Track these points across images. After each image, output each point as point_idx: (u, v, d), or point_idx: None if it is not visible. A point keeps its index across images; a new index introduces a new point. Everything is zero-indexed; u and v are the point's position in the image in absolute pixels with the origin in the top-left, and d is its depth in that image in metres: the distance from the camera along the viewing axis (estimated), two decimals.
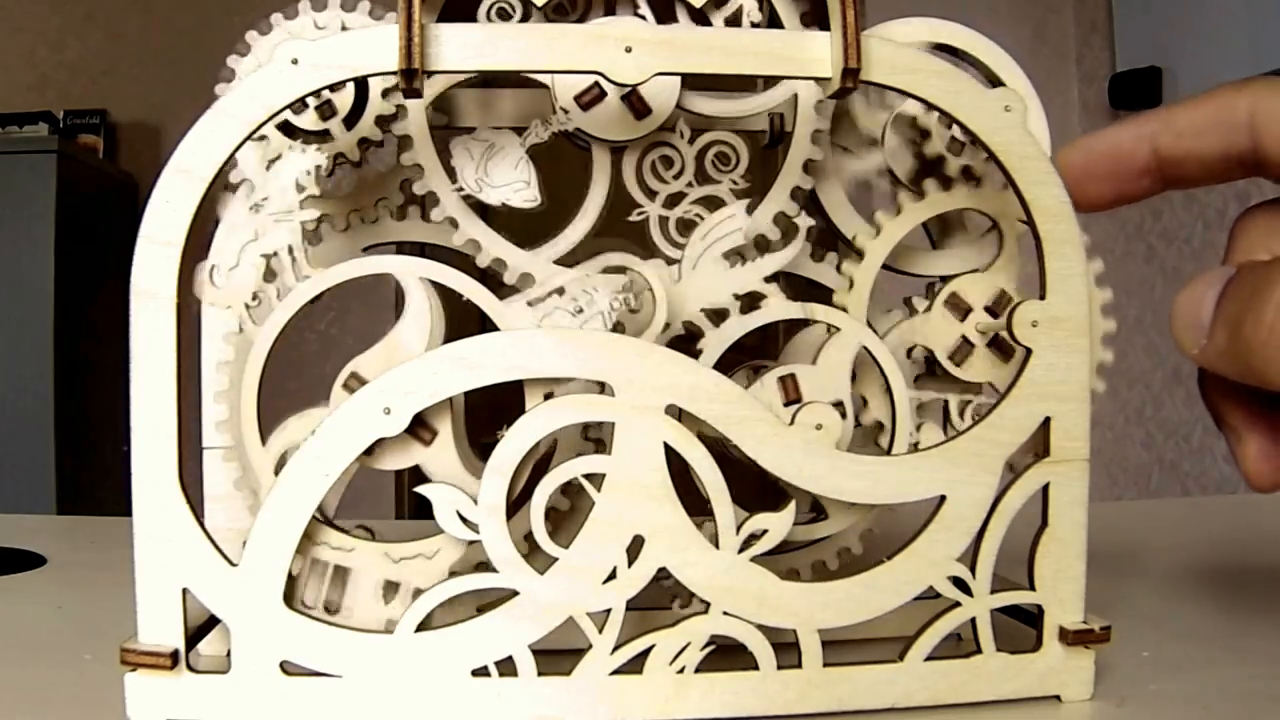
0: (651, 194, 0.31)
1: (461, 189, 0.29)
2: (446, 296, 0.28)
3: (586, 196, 0.31)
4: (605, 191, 0.31)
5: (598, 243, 0.31)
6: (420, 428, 0.27)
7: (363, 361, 0.27)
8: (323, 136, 0.30)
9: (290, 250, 0.26)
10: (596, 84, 0.29)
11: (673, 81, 0.30)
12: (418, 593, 0.26)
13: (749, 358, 0.31)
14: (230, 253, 0.27)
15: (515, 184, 0.30)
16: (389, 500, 1.85)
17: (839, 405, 0.28)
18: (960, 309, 0.30)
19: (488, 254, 0.30)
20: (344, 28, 0.30)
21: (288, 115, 0.29)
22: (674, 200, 0.31)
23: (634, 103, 0.30)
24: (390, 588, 0.27)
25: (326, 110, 0.30)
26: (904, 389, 0.29)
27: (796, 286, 0.32)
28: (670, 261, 0.30)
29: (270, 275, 0.27)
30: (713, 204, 0.31)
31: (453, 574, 0.27)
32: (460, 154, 0.29)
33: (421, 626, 0.26)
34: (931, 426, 0.31)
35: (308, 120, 0.30)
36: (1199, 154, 0.27)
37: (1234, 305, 0.24)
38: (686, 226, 0.31)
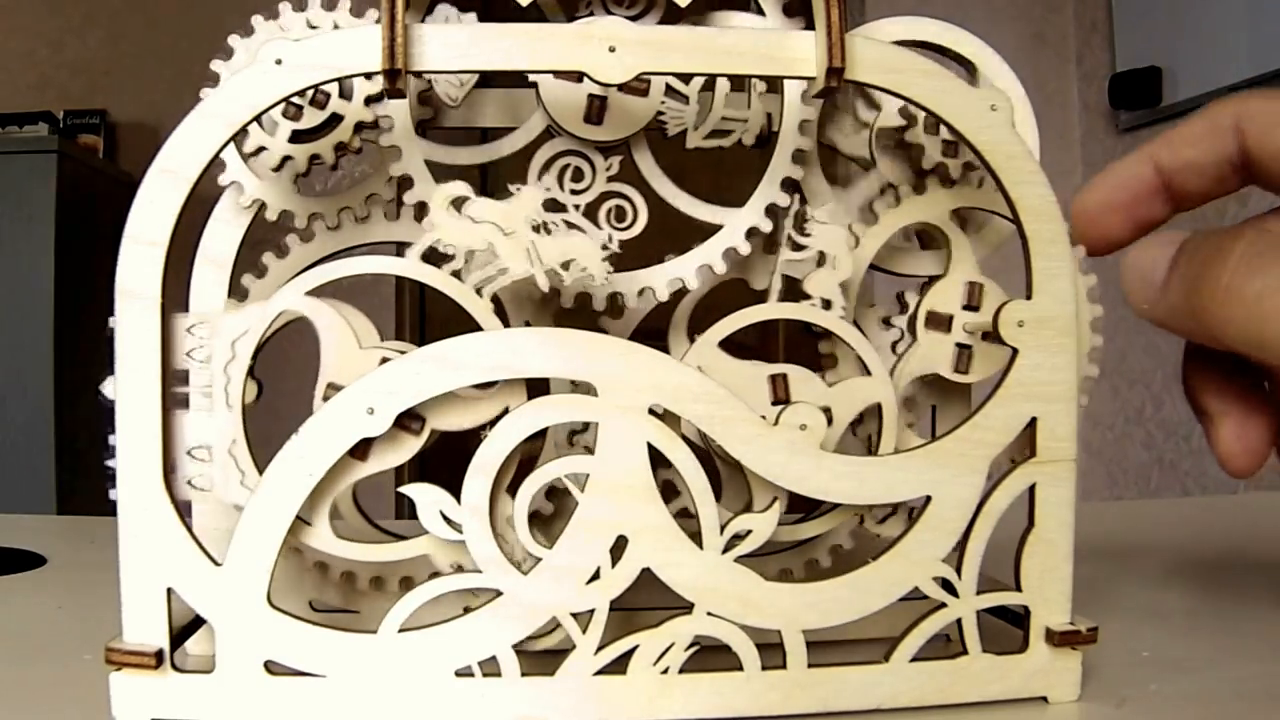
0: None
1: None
2: (437, 296, 0.28)
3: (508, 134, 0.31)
4: (517, 146, 0.31)
5: None
6: (407, 418, 0.26)
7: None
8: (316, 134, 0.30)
9: (501, 272, 0.27)
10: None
11: (636, 115, 0.30)
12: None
13: (748, 357, 0.31)
14: (485, 210, 0.27)
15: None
16: (389, 500, 1.85)
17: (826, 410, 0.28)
18: (942, 322, 0.30)
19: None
20: (335, 26, 0.30)
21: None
22: (551, 206, 0.31)
23: (594, 106, 0.30)
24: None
25: (292, 111, 0.30)
26: (894, 409, 0.29)
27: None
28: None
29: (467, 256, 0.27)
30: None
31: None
32: None
33: (405, 626, 0.26)
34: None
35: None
36: (1197, 163, 0.28)
37: (1190, 267, 0.26)
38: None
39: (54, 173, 1.75)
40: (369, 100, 0.30)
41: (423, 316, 1.98)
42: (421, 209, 0.30)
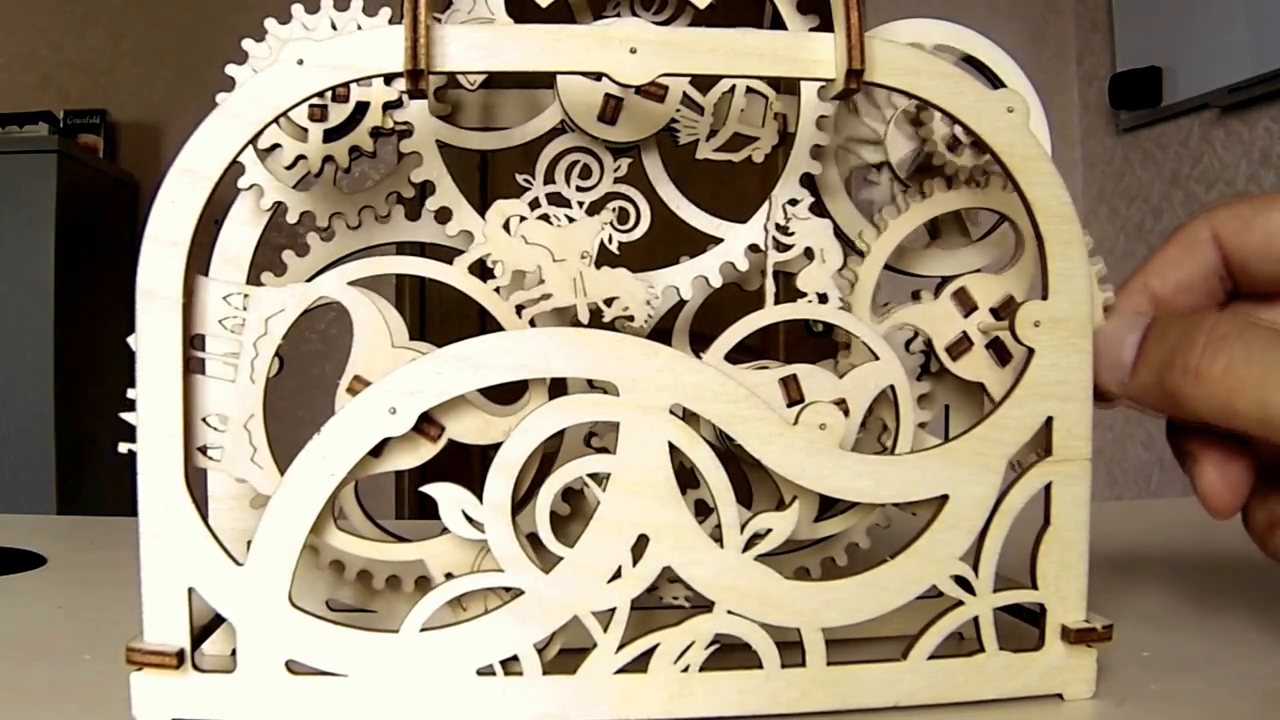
0: (549, 179, 0.31)
1: None
2: (449, 295, 0.28)
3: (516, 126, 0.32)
4: (529, 136, 0.31)
5: None
6: (426, 424, 0.26)
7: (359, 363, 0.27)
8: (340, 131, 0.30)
9: (545, 297, 0.27)
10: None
11: (650, 119, 0.30)
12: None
13: (751, 358, 0.31)
14: (540, 233, 0.27)
15: None
16: (389, 500, 1.86)
17: (840, 403, 0.29)
18: (966, 304, 0.30)
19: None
20: (359, 26, 0.30)
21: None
22: (556, 200, 0.31)
23: (609, 106, 0.30)
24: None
25: (318, 114, 0.30)
26: (907, 388, 0.29)
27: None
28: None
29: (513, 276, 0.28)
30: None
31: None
32: None
33: (427, 626, 0.26)
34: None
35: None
36: (1187, 282, 0.30)
37: (1159, 352, 0.27)
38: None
39: (54, 173, 1.75)
40: (388, 79, 0.30)
41: (423, 316, 1.98)
42: (445, 214, 0.30)
